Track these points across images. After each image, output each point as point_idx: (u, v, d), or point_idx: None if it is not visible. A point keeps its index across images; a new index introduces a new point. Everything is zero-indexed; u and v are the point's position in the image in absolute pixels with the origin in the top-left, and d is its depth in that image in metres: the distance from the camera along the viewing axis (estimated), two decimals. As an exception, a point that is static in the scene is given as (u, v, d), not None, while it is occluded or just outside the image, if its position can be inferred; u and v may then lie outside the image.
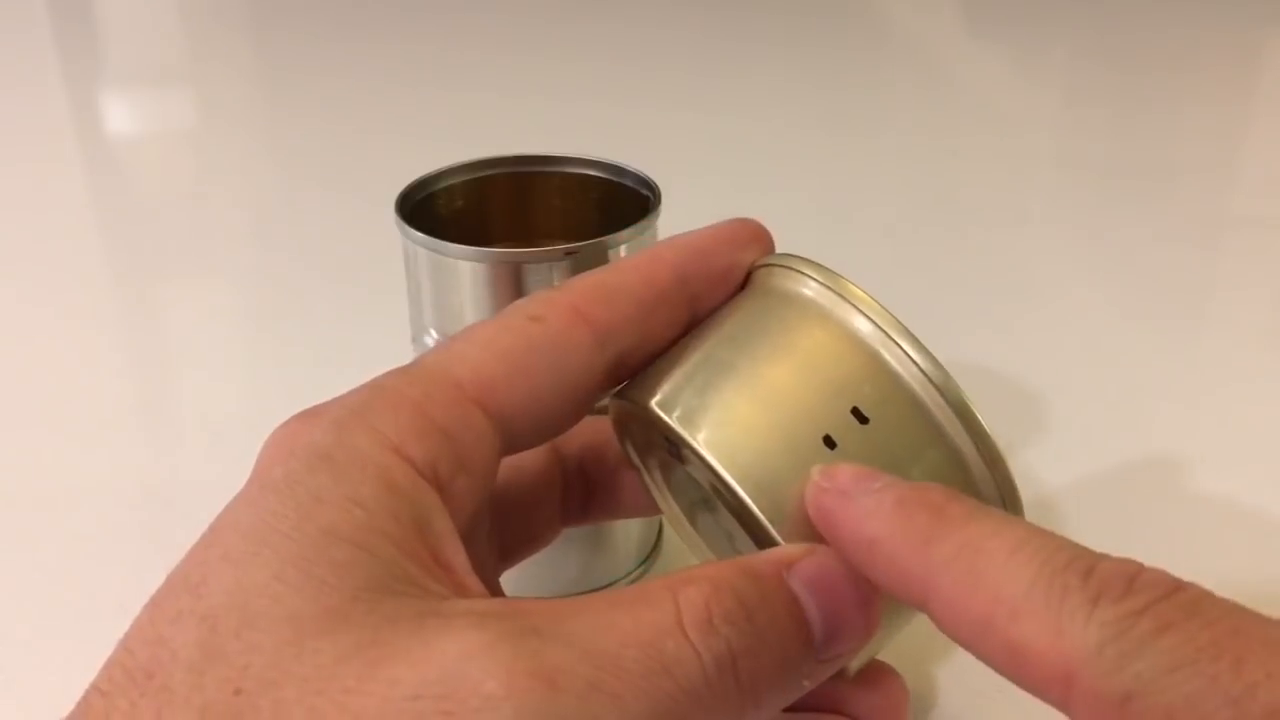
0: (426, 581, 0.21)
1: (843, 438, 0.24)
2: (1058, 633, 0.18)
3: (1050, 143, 0.80)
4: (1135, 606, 0.18)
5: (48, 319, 0.56)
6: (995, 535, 0.20)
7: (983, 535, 0.20)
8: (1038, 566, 0.19)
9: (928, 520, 0.21)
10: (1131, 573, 0.18)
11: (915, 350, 0.24)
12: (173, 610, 0.20)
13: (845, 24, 1.05)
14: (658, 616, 0.20)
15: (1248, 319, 0.55)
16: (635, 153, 0.39)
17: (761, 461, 0.24)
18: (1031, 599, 0.19)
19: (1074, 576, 0.18)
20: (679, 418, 0.25)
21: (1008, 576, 0.19)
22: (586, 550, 0.37)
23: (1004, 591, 0.19)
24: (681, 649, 0.20)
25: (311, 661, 0.18)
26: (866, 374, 0.24)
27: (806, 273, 0.26)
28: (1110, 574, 0.18)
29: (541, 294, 0.26)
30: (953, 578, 0.20)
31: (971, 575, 0.20)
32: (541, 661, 0.18)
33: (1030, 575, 0.19)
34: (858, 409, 0.24)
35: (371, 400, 0.23)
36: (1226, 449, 0.45)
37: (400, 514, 0.21)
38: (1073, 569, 0.19)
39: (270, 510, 0.20)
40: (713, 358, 0.25)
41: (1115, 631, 0.18)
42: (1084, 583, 0.18)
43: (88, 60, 0.99)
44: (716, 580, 0.21)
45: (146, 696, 0.19)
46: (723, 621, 0.21)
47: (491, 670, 0.18)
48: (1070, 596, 0.18)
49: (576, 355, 0.25)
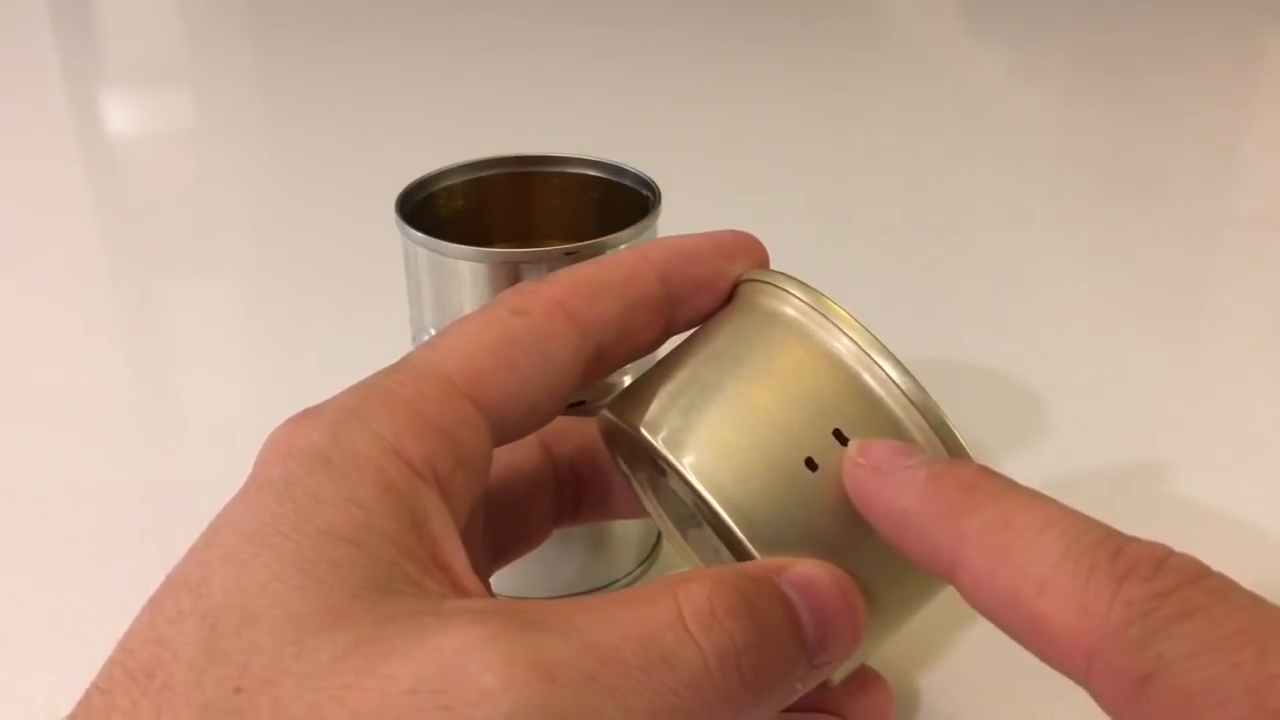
0: (425, 581, 0.21)
1: (824, 459, 0.24)
2: (1082, 609, 0.18)
3: (1050, 143, 0.80)
4: (1162, 588, 0.18)
5: (48, 319, 0.56)
6: (1026, 511, 0.20)
7: (1013, 511, 0.20)
8: (1066, 543, 0.19)
9: (959, 495, 0.21)
10: (1160, 556, 0.19)
11: (896, 371, 0.24)
12: (173, 610, 0.20)
13: (845, 24, 1.05)
14: (658, 611, 0.20)
15: (1248, 319, 0.55)
16: (635, 153, 0.39)
17: (743, 484, 0.24)
18: (1058, 574, 0.19)
19: (1102, 555, 0.19)
20: (665, 439, 0.25)
21: (1036, 552, 0.19)
22: (585, 551, 0.37)
23: (1031, 566, 0.19)
24: (682, 642, 0.20)
25: (311, 659, 0.19)
26: (847, 395, 0.24)
27: (791, 291, 0.26)
28: (1139, 555, 0.19)
29: (526, 287, 0.26)
30: (981, 551, 0.20)
31: (1000, 549, 0.20)
32: (539, 654, 0.18)
33: (1058, 551, 0.19)
34: (839, 430, 0.24)
35: (366, 400, 0.23)
36: (1227, 449, 0.45)
37: (398, 514, 0.21)
38: (1101, 548, 0.19)
39: (269, 511, 0.21)
40: (698, 377, 0.26)
41: (1140, 611, 0.18)
42: (1112, 562, 0.19)
43: (88, 60, 0.99)
44: (717, 579, 0.21)
45: (148, 695, 0.19)
46: (726, 615, 0.21)
47: (489, 664, 0.18)
48: (1097, 574, 0.18)
49: (560, 348, 0.25)
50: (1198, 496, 0.42)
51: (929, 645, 0.26)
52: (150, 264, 0.62)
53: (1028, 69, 0.96)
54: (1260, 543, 0.40)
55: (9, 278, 0.60)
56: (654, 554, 0.39)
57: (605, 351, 0.26)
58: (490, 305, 0.26)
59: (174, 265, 0.62)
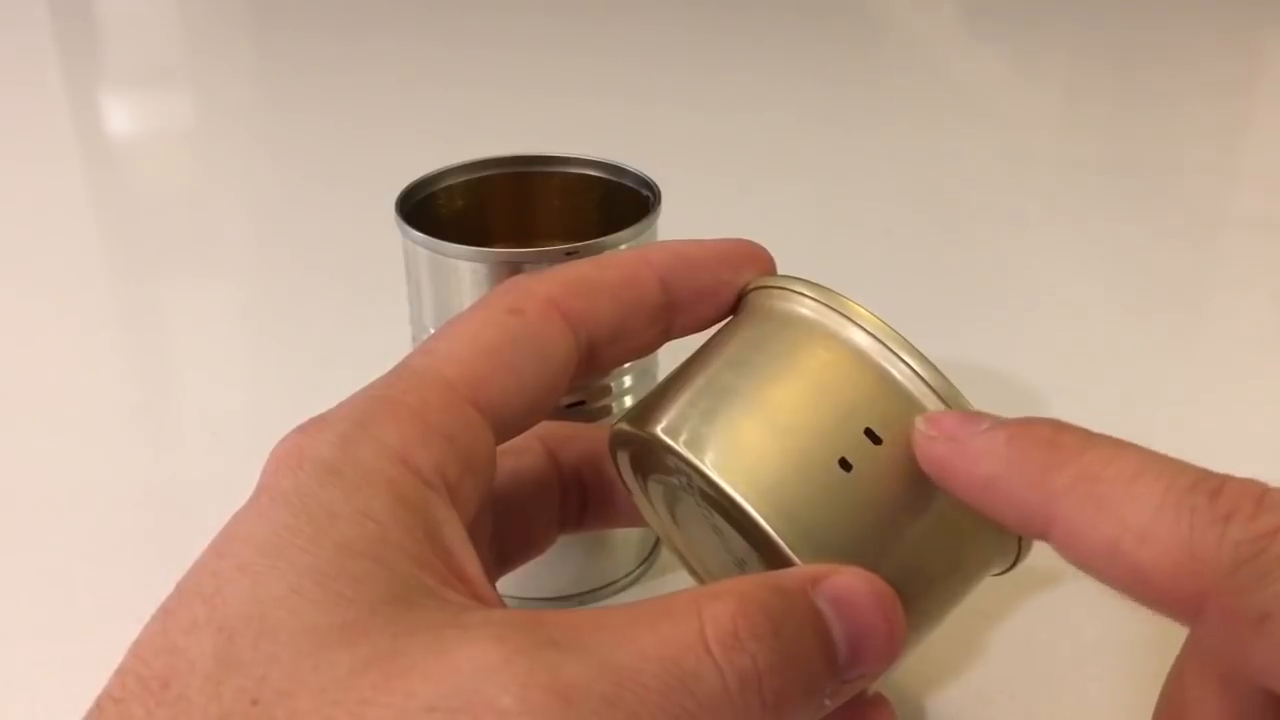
0: (444, 592, 0.21)
1: (858, 459, 0.23)
2: (1189, 554, 0.18)
3: (1050, 142, 0.80)
4: (1269, 526, 0.18)
5: (48, 319, 0.56)
6: (1113, 461, 0.20)
7: (1101, 462, 0.20)
8: (1163, 489, 0.19)
9: (1042, 453, 0.21)
10: (1258, 492, 0.19)
11: (922, 366, 0.24)
12: (187, 619, 0.20)
13: (845, 23, 1.05)
14: (680, 632, 0.20)
15: (1247, 319, 0.55)
16: (635, 153, 0.39)
17: (777, 487, 0.23)
18: (1159, 522, 0.19)
19: (1202, 497, 0.19)
20: (686, 442, 0.24)
21: (1132, 502, 0.19)
22: (585, 551, 0.37)
23: (1130, 517, 0.19)
24: (703, 665, 0.19)
25: (328, 673, 0.18)
26: (877, 393, 0.24)
27: (804, 292, 0.25)
28: (1238, 493, 0.19)
29: (521, 283, 0.26)
30: (1075, 506, 0.20)
31: (1094, 502, 0.20)
32: (557, 676, 0.18)
33: (1156, 498, 0.19)
34: (870, 429, 0.24)
35: (372, 411, 0.23)
36: (1226, 448, 0.45)
37: (412, 526, 0.21)
38: (1200, 489, 0.19)
39: (283, 524, 0.20)
40: (716, 383, 0.25)
41: (1250, 552, 0.18)
42: (1212, 503, 0.19)
43: (88, 60, 0.99)
44: (744, 595, 0.21)
45: (163, 706, 0.18)
46: (749, 638, 0.20)
47: (507, 685, 0.18)
48: (1199, 517, 0.18)
49: (555, 348, 0.25)
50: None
51: (929, 644, 0.26)
52: (150, 264, 0.62)
53: (1028, 67, 0.96)
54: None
55: (9, 278, 0.60)
56: (654, 554, 0.39)
57: (599, 351, 0.26)
58: (484, 303, 0.25)
59: (174, 265, 0.62)
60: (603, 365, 0.27)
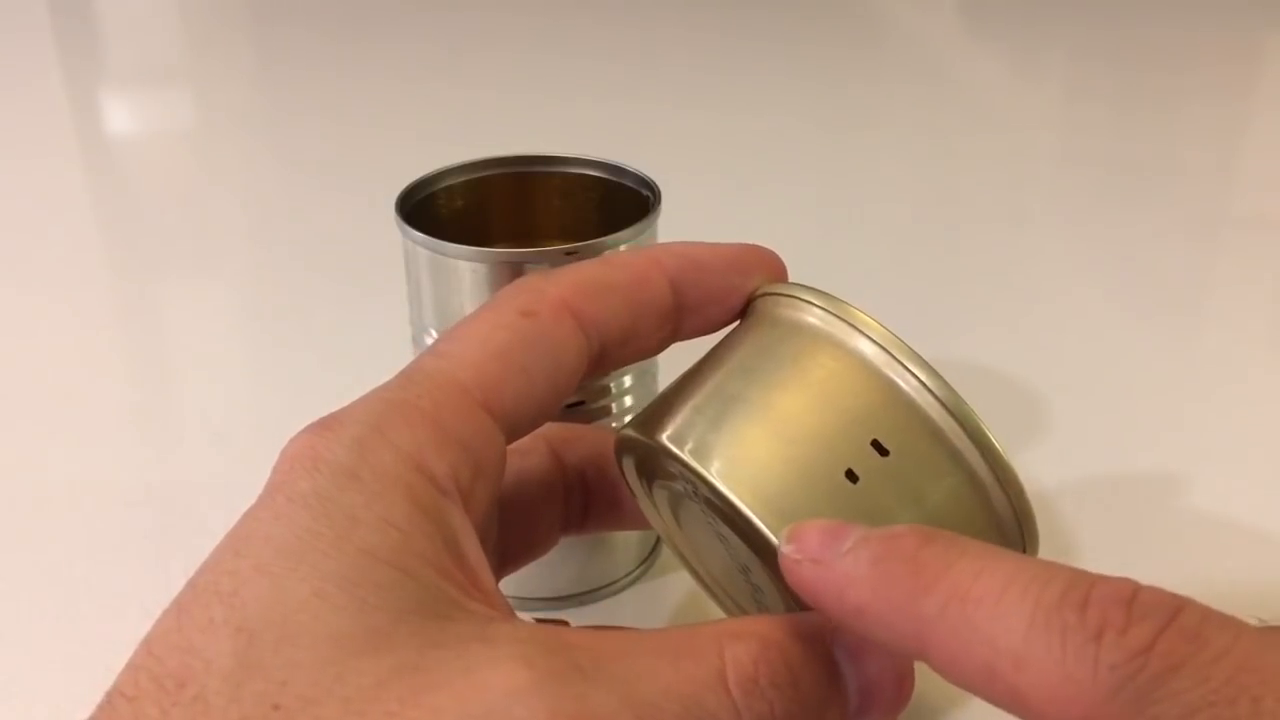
0: (466, 603, 0.20)
1: (865, 471, 0.23)
2: (1065, 678, 0.17)
3: (1050, 141, 0.80)
4: (1141, 643, 0.17)
5: (48, 319, 0.56)
6: (979, 577, 0.19)
7: (967, 580, 0.19)
8: (1030, 607, 0.18)
9: (909, 575, 0.20)
10: (1127, 596, 0.18)
11: (929, 377, 0.24)
12: (203, 618, 0.19)
13: (846, 23, 1.05)
14: (702, 670, 0.20)
15: (1247, 319, 0.55)
16: (635, 153, 0.39)
17: (782, 497, 0.23)
18: (1032, 646, 0.18)
19: (1070, 612, 0.18)
20: (692, 451, 0.24)
21: (1002, 624, 0.18)
22: (585, 551, 0.37)
23: (1001, 640, 0.18)
24: (723, 705, 0.20)
25: (354, 682, 0.18)
26: (883, 404, 0.24)
27: (811, 301, 0.25)
28: (1106, 601, 0.18)
29: (531, 284, 0.25)
30: (947, 632, 0.19)
31: (966, 626, 0.19)
32: (583, 707, 0.18)
33: (1025, 618, 0.18)
34: (877, 441, 0.24)
35: (386, 414, 0.22)
36: (1226, 448, 0.45)
37: (432, 535, 0.21)
38: (1067, 603, 0.18)
39: (304, 526, 0.20)
40: (723, 390, 0.25)
41: (1125, 675, 0.17)
42: (1082, 618, 0.18)
43: (88, 60, 0.99)
44: (766, 640, 0.21)
45: (179, 706, 0.18)
46: (769, 684, 0.21)
47: (535, 711, 0.18)
48: (1071, 637, 0.18)
49: (567, 350, 0.25)
50: (1198, 495, 0.42)
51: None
52: (150, 264, 0.62)
53: (1028, 67, 0.96)
54: (1260, 542, 0.40)
55: (9, 277, 0.60)
56: (654, 554, 0.39)
57: (608, 352, 0.26)
58: (496, 303, 0.25)
59: (174, 265, 0.62)
60: (610, 367, 0.27)
